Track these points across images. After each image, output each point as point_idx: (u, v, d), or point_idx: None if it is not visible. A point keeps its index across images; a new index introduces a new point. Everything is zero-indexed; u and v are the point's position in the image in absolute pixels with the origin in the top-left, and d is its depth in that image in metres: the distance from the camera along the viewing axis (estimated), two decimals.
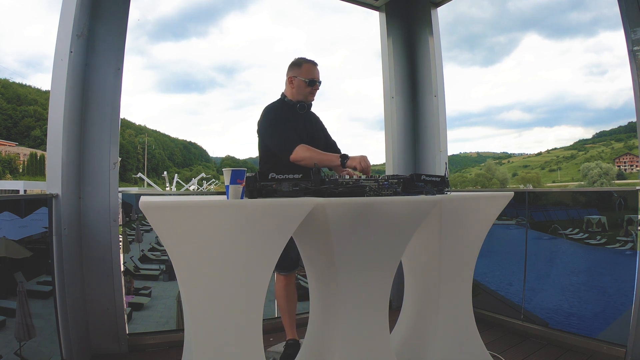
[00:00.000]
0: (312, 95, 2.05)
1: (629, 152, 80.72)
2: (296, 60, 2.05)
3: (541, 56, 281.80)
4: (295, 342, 2.04)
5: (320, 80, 2.05)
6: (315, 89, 2.04)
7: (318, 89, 2.06)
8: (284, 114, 1.99)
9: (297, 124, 2.00)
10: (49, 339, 1.87)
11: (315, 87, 2.03)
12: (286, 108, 2.03)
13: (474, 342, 1.81)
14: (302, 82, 2.01)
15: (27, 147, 70.09)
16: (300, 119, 2.03)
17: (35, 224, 1.88)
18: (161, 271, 2.36)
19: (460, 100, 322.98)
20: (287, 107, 2.03)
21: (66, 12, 2.05)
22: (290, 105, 2.04)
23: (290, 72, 2.04)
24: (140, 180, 50.31)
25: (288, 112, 2.01)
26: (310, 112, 2.13)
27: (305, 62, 2.03)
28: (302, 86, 2.01)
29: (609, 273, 2.17)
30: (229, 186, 1.28)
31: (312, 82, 2.01)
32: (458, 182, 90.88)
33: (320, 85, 2.06)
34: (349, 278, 1.46)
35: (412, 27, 3.30)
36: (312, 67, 2.03)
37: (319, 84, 2.05)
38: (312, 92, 2.04)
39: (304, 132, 2.00)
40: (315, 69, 2.04)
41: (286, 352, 2.01)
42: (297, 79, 2.01)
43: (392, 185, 1.51)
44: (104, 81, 2.19)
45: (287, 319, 2.07)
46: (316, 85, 2.03)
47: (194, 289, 1.19)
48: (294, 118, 2.00)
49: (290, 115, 2.00)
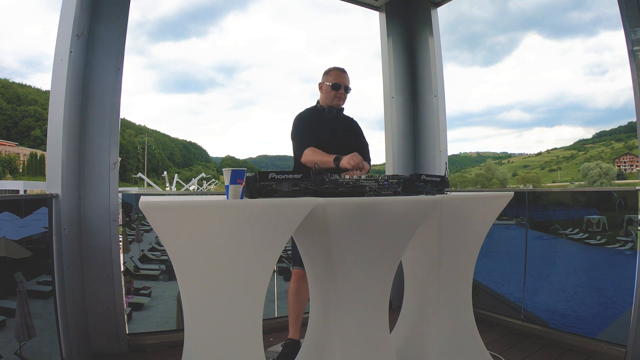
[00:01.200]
0: (338, 100, 2.13)
1: (629, 152, 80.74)
2: (327, 70, 2.17)
3: (542, 56, 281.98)
4: (295, 342, 2.03)
5: (346, 85, 2.13)
6: (340, 93, 2.12)
7: (344, 93, 2.13)
8: (310, 120, 2.11)
9: (324, 128, 2.09)
10: (49, 339, 1.87)
11: (340, 92, 2.11)
12: (315, 113, 2.14)
13: (474, 342, 1.81)
14: (328, 87, 2.12)
15: (27, 147, 70.10)
16: (329, 123, 2.12)
17: (35, 224, 1.88)
18: (161, 271, 2.36)
19: (461, 100, 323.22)
20: (317, 113, 2.14)
21: (66, 12, 2.05)
22: (320, 111, 2.14)
23: (322, 79, 2.18)
24: (140, 180, 50.35)
25: (317, 118, 2.12)
26: (344, 117, 2.20)
27: (334, 69, 2.15)
28: (328, 91, 2.12)
29: (609, 273, 2.17)
30: (229, 186, 1.28)
31: (335, 86, 2.10)
32: (458, 182, 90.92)
33: (347, 91, 2.14)
34: (349, 278, 1.46)
35: (412, 27, 3.31)
36: (339, 73, 2.13)
37: (344, 88, 2.12)
38: (337, 96, 2.12)
39: (330, 136, 2.08)
40: (342, 74, 2.13)
41: (284, 351, 2.01)
42: (325, 85, 2.13)
43: (392, 185, 1.51)
44: (104, 81, 2.19)
45: (293, 317, 2.07)
46: (341, 89, 2.11)
47: (194, 289, 1.19)
48: (321, 122, 2.10)
49: (319, 120, 2.11)
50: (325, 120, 2.12)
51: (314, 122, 2.10)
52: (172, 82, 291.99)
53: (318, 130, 2.07)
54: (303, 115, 2.15)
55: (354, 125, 2.26)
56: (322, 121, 2.11)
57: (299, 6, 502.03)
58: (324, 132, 2.08)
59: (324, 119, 2.12)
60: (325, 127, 2.09)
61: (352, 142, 2.18)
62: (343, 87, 2.11)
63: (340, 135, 2.12)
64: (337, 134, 2.12)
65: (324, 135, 2.07)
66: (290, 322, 2.08)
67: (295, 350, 1.94)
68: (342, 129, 2.16)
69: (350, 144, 2.15)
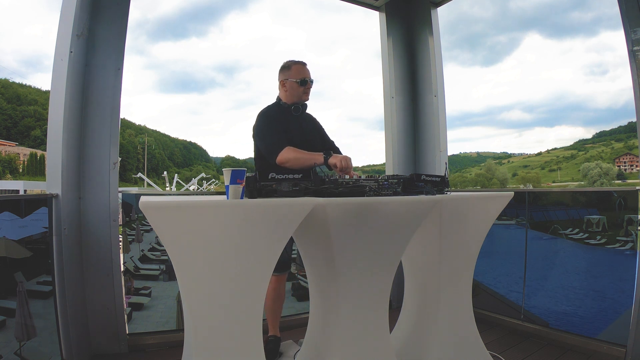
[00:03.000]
0: (306, 95, 2.08)
1: (629, 152, 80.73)
2: (285, 64, 2.10)
3: (542, 56, 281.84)
4: (277, 338, 2.14)
5: (312, 79, 2.08)
6: (308, 88, 2.07)
7: (311, 87, 2.09)
8: (276, 118, 2.03)
9: (292, 126, 2.04)
10: (49, 339, 1.87)
11: (308, 86, 2.07)
12: (280, 111, 2.07)
13: (474, 342, 1.81)
14: (294, 84, 2.04)
15: (27, 147, 70.10)
16: (295, 120, 2.07)
17: (35, 224, 1.88)
18: (161, 271, 2.36)
19: (461, 100, 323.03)
20: (282, 110, 2.07)
21: (66, 12, 2.05)
22: (285, 108, 2.07)
23: (281, 76, 2.09)
24: (140, 180, 50.34)
25: (282, 115, 2.05)
26: (305, 114, 2.15)
27: (294, 63, 2.07)
28: (294, 87, 2.05)
29: (609, 273, 2.17)
30: (229, 186, 1.28)
31: (303, 81, 2.05)
32: (458, 182, 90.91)
33: (312, 84, 2.09)
34: (349, 278, 1.46)
35: (412, 27, 3.30)
36: (302, 67, 2.07)
37: (311, 82, 2.08)
38: (306, 91, 2.07)
39: (298, 134, 2.04)
40: (305, 68, 2.08)
41: (267, 347, 2.06)
42: (289, 82, 2.05)
43: (392, 185, 1.51)
44: (104, 81, 2.19)
45: (271, 317, 2.14)
46: (308, 84, 2.07)
47: (194, 289, 1.19)
48: (288, 120, 2.04)
49: (284, 118, 2.04)
50: (292, 117, 2.07)
51: (282, 120, 2.03)
52: (172, 82, 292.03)
53: (286, 128, 2.01)
54: (270, 112, 2.05)
55: (316, 122, 2.23)
56: (289, 118, 2.06)
57: (299, 6, 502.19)
58: (292, 130, 2.03)
59: (290, 116, 2.06)
60: (292, 125, 2.05)
61: (318, 140, 2.16)
62: (309, 81, 2.06)
63: (307, 133, 2.10)
64: (304, 132, 2.08)
65: (293, 133, 2.02)
66: (270, 323, 2.15)
67: (277, 345, 2.11)
68: (308, 126, 2.13)
69: (316, 141, 2.13)
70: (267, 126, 2.00)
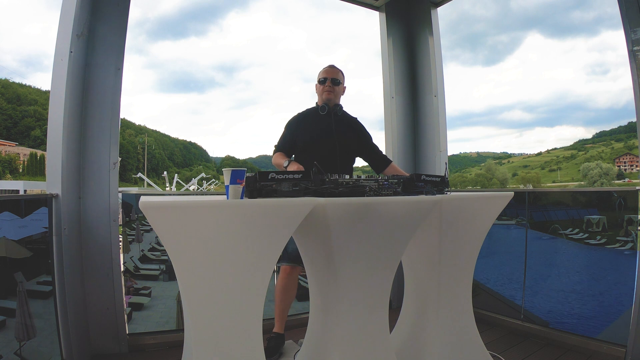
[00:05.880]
0: (327, 94, 2.15)
1: (629, 152, 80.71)
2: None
3: (544, 55, 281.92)
4: (280, 335, 2.11)
5: (333, 78, 2.15)
6: (327, 87, 2.14)
7: (331, 85, 2.14)
8: (294, 122, 2.17)
9: (318, 126, 2.13)
10: (49, 339, 1.87)
11: (326, 85, 2.14)
12: (308, 113, 2.21)
13: (474, 342, 1.81)
14: (317, 84, 2.21)
15: (27, 147, 70.09)
16: (322, 121, 2.14)
17: (35, 224, 1.88)
18: (161, 271, 2.36)
19: (462, 99, 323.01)
20: (312, 112, 2.20)
21: (66, 11, 2.05)
22: (316, 109, 2.19)
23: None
24: (140, 180, 50.34)
25: (311, 116, 2.17)
26: (343, 115, 2.21)
27: (324, 67, 2.21)
28: (317, 87, 2.21)
29: (609, 273, 2.17)
30: (229, 186, 1.28)
31: (321, 80, 2.16)
32: (458, 182, 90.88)
33: (335, 83, 2.15)
34: (349, 278, 1.46)
35: (412, 27, 3.31)
36: (325, 69, 2.20)
37: (331, 80, 2.14)
38: (325, 90, 2.15)
39: (323, 133, 2.11)
40: (328, 69, 2.19)
41: (269, 344, 2.04)
42: (316, 84, 2.22)
43: (392, 185, 1.51)
44: (104, 81, 2.19)
45: (279, 311, 2.12)
46: (327, 82, 2.14)
47: (194, 289, 1.19)
48: (317, 120, 2.15)
49: (313, 119, 2.16)
50: (320, 117, 2.14)
51: (306, 122, 2.15)
52: (172, 81, 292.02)
53: (310, 128, 2.12)
54: (293, 117, 2.20)
55: (356, 124, 2.25)
56: (317, 119, 2.14)
57: (299, 5, 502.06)
58: (316, 129, 2.11)
59: (318, 116, 2.15)
60: (318, 125, 2.13)
61: (352, 141, 2.18)
62: (329, 79, 2.13)
63: (334, 132, 2.12)
64: (330, 131, 2.11)
65: (315, 132, 2.10)
66: (276, 317, 2.13)
67: (280, 343, 2.08)
68: (338, 126, 2.15)
69: (349, 142, 2.15)
70: (284, 130, 2.18)
